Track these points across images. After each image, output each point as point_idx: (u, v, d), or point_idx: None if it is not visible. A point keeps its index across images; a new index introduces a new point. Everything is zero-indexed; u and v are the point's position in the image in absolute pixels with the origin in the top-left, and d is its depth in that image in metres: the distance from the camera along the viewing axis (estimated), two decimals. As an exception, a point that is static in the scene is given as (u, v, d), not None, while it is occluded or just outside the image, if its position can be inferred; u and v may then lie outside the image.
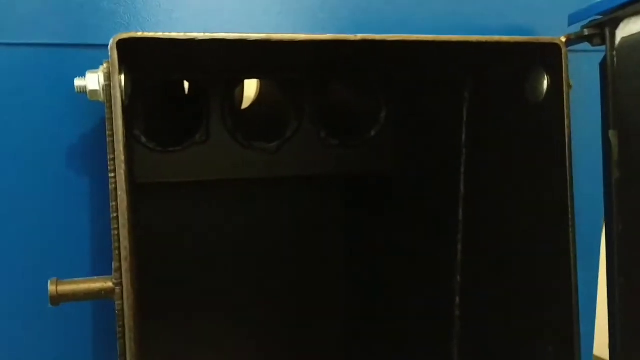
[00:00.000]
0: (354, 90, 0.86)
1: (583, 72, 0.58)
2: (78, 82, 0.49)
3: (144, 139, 0.74)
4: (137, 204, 0.58)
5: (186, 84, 0.86)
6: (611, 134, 0.51)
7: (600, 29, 0.52)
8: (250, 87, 0.98)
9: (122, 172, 0.45)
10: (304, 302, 0.90)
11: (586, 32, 0.53)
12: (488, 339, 0.65)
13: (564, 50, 0.52)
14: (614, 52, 0.50)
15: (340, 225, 0.91)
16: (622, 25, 0.50)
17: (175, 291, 0.85)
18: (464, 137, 0.67)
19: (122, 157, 0.45)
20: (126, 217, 0.45)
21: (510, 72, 0.59)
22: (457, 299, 0.68)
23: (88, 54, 0.54)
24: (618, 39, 0.50)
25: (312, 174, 0.81)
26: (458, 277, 0.68)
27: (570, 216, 0.54)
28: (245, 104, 0.97)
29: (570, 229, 0.54)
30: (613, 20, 0.50)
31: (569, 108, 0.53)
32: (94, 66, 0.49)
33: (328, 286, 0.90)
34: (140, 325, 0.47)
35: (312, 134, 0.79)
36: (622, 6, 0.48)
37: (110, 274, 0.47)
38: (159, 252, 0.84)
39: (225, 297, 0.88)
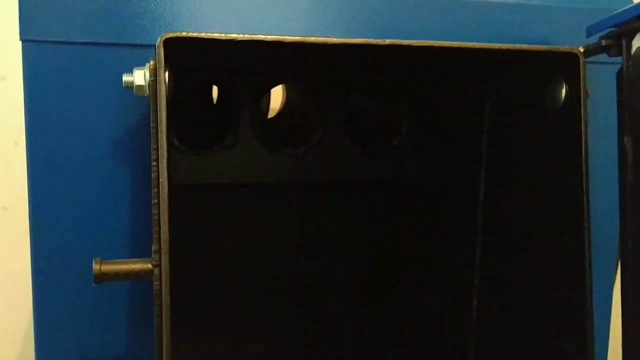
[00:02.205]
0: (378, 100, 0.89)
1: (602, 82, 0.61)
2: (126, 78, 0.53)
3: (176, 142, 0.78)
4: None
5: (215, 89, 0.89)
6: (626, 140, 0.53)
7: (617, 39, 0.54)
8: (276, 99, 1.02)
9: (164, 161, 0.49)
10: (327, 304, 0.92)
11: (604, 42, 0.56)
12: (504, 340, 0.67)
13: (581, 59, 0.55)
14: (630, 62, 0.53)
15: (363, 230, 0.93)
16: (638, 36, 0.52)
17: (199, 289, 0.88)
18: (484, 143, 0.69)
19: (165, 147, 0.49)
20: (166, 202, 0.48)
21: (530, 81, 0.61)
22: (475, 301, 0.70)
23: (134, 53, 0.58)
24: (634, 49, 0.52)
25: (337, 180, 0.84)
26: (476, 280, 0.70)
27: (585, 223, 0.56)
28: (271, 115, 1.00)
29: (586, 234, 0.56)
30: (629, 31, 0.53)
31: (586, 115, 0.56)
32: (139, 64, 0.53)
33: (349, 289, 0.92)
34: (175, 305, 0.50)
35: (337, 141, 0.82)
36: (638, 17, 0.51)
37: (149, 257, 0.51)
38: (187, 251, 0.87)
39: (248, 296, 0.91)
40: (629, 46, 0.53)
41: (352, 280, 0.92)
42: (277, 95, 1.01)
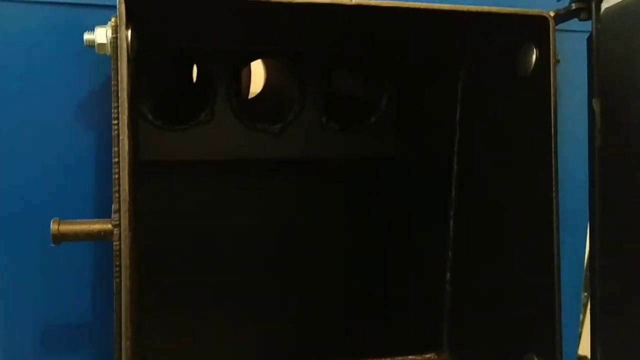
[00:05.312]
0: (356, 77, 0.88)
1: (575, 51, 0.60)
2: (87, 36, 0.52)
3: (150, 117, 0.77)
4: (140, 181, 0.61)
5: (194, 67, 0.88)
6: (594, 102, 0.53)
7: (587, 2, 0.54)
8: (257, 83, 1.01)
9: (125, 118, 0.48)
10: (305, 281, 0.91)
11: (574, 6, 0.55)
12: (477, 312, 0.67)
13: (551, 23, 0.55)
14: (598, 24, 0.53)
15: (339, 205, 0.93)
16: (606, -2, 0.52)
17: (172, 267, 0.87)
18: (457, 115, 0.69)
19: (125, 105, 0.48)
20: (127, 160, 0.47)
21: (501, 47, 0.61)
22: (448, 275, 0.70)
23: (97, 14, 0.58)
24: (602, 10, 0.52)
25: (313, 157, 0.83)
26: (450, 253, 0.70)
27: (554, 188, 0.55)
28: (251, 96, 1.00)
29: (554, 199, 0.55)
30: (598, -7, 0.53)
31: (555, 80, 0.55)
32: (103, 24, 0.53)
33: (328, 265, 0.92)
34: (136, 267, 0.49)
35: (314, 118, 0.81)
36: (606, -21, 0.51)
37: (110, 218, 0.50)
38: (158, 228, 0.86)
39: (222, 275, 0.90)
40: (598, 8, 0.53)
41: (327, 254, 0.92)
42: (258, 79, 1.00)
